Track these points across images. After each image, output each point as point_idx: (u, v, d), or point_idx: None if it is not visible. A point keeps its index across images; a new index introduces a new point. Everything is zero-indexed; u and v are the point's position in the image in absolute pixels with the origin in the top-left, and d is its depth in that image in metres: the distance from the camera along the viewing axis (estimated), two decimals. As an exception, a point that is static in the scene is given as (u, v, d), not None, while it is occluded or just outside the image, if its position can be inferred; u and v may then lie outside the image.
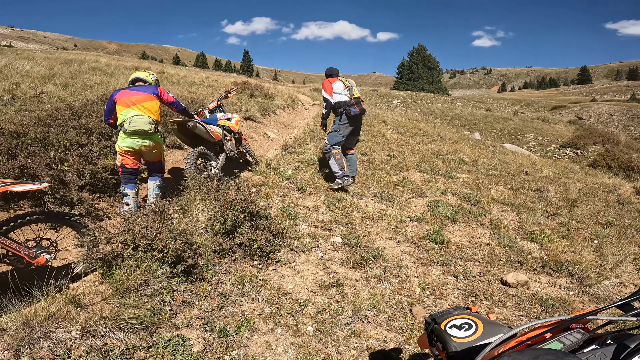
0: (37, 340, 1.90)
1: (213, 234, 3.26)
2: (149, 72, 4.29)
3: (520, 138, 19.96)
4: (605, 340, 0.86)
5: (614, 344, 0.83)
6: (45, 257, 2.64)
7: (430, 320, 1.23)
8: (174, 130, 4.85)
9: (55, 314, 2.02)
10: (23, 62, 9.19)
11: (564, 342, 0.90)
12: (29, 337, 1.89)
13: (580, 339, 0.90)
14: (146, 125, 3.70)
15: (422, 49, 57.99)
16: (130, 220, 2.64)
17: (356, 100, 5.16)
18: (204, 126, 4.72)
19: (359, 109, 5.13)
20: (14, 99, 6.18)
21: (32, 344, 1.89)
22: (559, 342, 0.90)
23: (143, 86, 4.01)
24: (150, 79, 4.17)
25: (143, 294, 2.42)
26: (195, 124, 4.63)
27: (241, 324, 2.49)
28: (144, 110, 3.80)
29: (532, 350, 0.80)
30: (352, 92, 5.23)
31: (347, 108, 5.08)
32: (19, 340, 1.87)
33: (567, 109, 43.77)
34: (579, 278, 3.44)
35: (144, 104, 3.83)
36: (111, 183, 4.24)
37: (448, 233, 4.28)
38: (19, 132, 4.22)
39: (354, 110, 5.08)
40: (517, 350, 0.84)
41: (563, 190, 6.39)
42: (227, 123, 5.37)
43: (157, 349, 2.11)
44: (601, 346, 0.85)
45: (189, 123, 4.61)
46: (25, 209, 3.50)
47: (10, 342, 1.87)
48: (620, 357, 0.76)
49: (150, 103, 3.88)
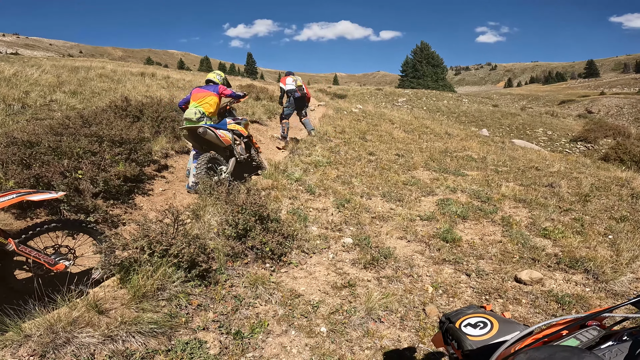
0: (61, 346, 1.95)
1: (225, 238, 3.29)
2: (217, 73, 5.64)
3: (529, 133, 19.76)
4: (621, 336, 0.86)
5: (629, 340, 0.83)
6: (64, 264, 2.69)
7: (445, 319, 1.24)
8: (185, 136, 4.92)
9: (77, 320, 2.07)
10: (31, 70, 9.36)
11: (581, 339, 0.90)
12: (53, 343, 1.93)
13: (597, 335, 0.90)
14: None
15: (425, 47, 57.64)
16: (145, 226, 2.69)
17: (299, 88, 8.08)
18: (214, 132, 4.77)
19: (300, 93, 8.08)
20: (24, 107, 6.30)
21: (56, 349, 1.93)
22: (575, 339, 0.91)
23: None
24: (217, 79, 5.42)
25: (160, 298, 2.46)
26: (205, 129, 4.69)
27: (256, 326, 2.51)
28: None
29: (548, 347, 0.81)
30: (297, 83, 8.14)
31: (293, 93, 8.05)
32: (43, 345, 1.91)
33: (576, 103, 43.20)
34: (595, 274, 3.40)
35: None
36: (124, 190, 4.31)
37: (459, 231, 4.27)
38: (32, 142, 4.30)
39: (296, 94, 8.06)
40: (534, 348, 0.84)
41: (575, 185, 6.31)
42: (236, 127, 5.42)
43: (175, 353, 2.15)
44: (617, 342, 0.85)
45: (199, 129, 4.68)
46: (42, 218, 3.58)
47: (36, 348, 1.91)
48: (636, 353, 0.76)
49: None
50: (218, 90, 5.10)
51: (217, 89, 5.10)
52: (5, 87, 7.04)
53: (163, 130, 6.34)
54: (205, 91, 5.04)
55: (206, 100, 4.96)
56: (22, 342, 1.95)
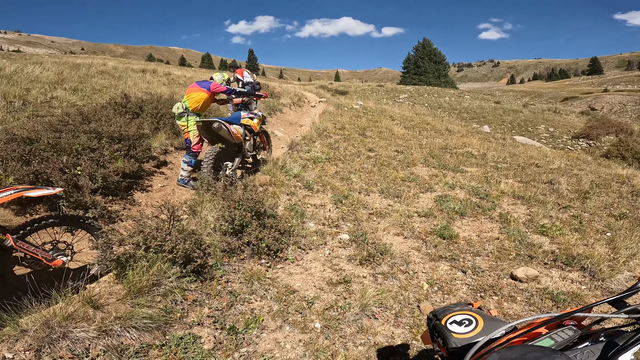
0: (56, 340, 1.97)
1: (222, 234, 3.31)
2: (220, 73, 5.89)
3: (531, 130, 19.67)
4: (598, 337, 0.86)
5: (605, 341, 0.83)
6: (62, 260, 2.71)
7: (432, 316, 1.25)
8: (199, 127, 5.05)
9: (73, 315, 2.09)
10: (32, 67, 9.37)
11: (555, 339, 0.90)
12: (49, 338, 1.96)
13: (573, 335, 0.90)
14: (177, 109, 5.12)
15: (427, 43, 57.34)
16: (141, 222, 2.71)
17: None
18: (228, 128, 4.88)
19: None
20: (25, 104, 6.31)
21: (52, 344, 1.95)
22: (550, 339, 0.90)
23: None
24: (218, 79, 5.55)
25: (155, 293, 2.48)
26: (220, 125, 4.84)
27: (250, 321, 2.53)
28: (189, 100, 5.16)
29: (521, 347, 0.81)
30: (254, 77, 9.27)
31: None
32: (39, 340, 1.94)
33: (579, 100, 42.94)
34: (592, 272, 3.40)
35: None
36: (122, 186, 4.33)
37: (456, 228, 4.27)
38: (31, 138, 4.32)
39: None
40: (506, 347, 0.85)
41: (575, 182, 6.29)
42: (249, 122, 5.45)
43: (169, 347, 2.17)
44: (592, 343, 0.85)
45: (214, 124, 4.84)
46: (41, 213, 3.60)
47: (32, 343, 1.94)
48: (608, 355, 0.76)
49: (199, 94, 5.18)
50: (209, 87, 5.22)
51: (208, 85, 5.23)
52: (7, 85, 7.06)
53: (162, 126, 6.35)
54: (196, 87, 5.23)
55: (192, 96, 5.14)
56: (18, 337, 1.97)
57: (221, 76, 5.72)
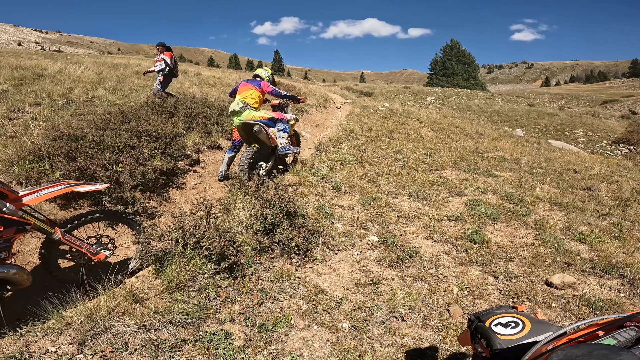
0: (99, 334, 2.03)
1: (253, 233, 3.39)
2: (264, 69, 5.79)
3: (568, 134, 18.82)
4: None
5: None
6: (105, 254, 2.79)
7: (474, 317, 1.24)
8: (238, 128, 5.22)
9: (116, 308, 2.17)
10: (74, 67, 9.90)
11: (618, 339, 0.89)
12: (92, 331, 2.01)
13: (634, 336, 0.89)
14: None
15: (455, 45, 56.06)
16: (180, 218, 2.81)
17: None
18: (267, 132, 5.03)
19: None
20: (68, 103, 6.69)
21: (94, 338, 2.01)
22: (612, 339, 0.90)
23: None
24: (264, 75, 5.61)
25: (191, 289, 2.57)
26: (261, 129, 4.98)
27: (279, 319, 2.57)
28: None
29: (586, 345, 0.81)
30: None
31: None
32: (83, 334, 1.99)
33: (619, 103, 40.63)
34: (631, 280, 3.26)
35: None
36: (159, 183, 4.51)
37: (488, 233, 4.17)
38: (77, 136, 4.58)
39: (176, 69, 8.75)
40: (571, 345, 0.84)
41: (615, 189, 5.98)
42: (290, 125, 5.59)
43: (202, 343, 2.23)
44: None
45: (255, 127, 4.99)
46: (85, 208, 3.81)
47: (75, 336, 1.99)
48: None
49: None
50: (260, 85, 5.38)
51: (259, 84, 5.39)
52: (50, 84, 7.51)
53: (195, 126, 6.56)
54: (250, 85, 5.37)
55: (248, 93, 5.30)
56: (62, 330, 2.03)
57: (267, 72, 5.76)
